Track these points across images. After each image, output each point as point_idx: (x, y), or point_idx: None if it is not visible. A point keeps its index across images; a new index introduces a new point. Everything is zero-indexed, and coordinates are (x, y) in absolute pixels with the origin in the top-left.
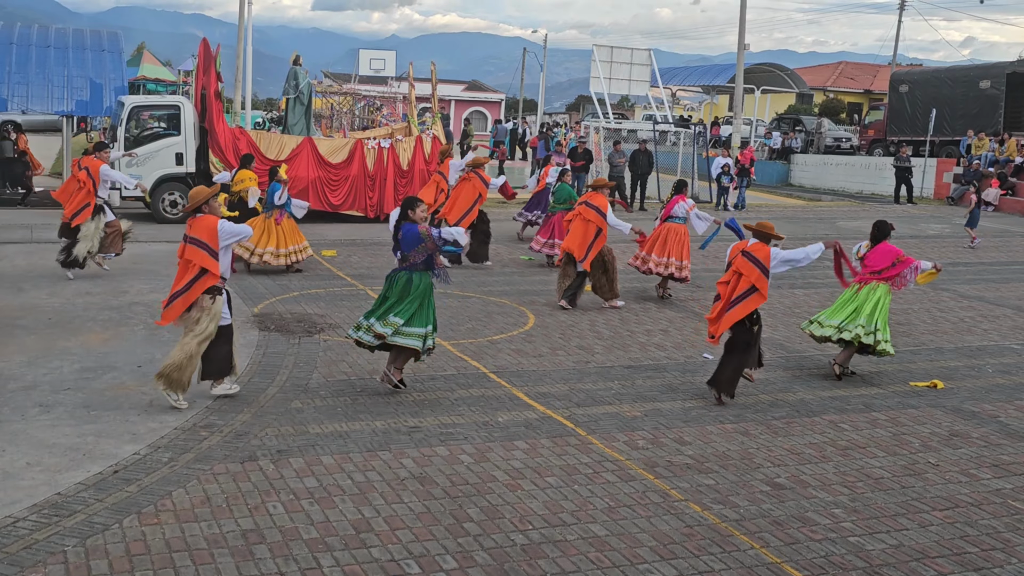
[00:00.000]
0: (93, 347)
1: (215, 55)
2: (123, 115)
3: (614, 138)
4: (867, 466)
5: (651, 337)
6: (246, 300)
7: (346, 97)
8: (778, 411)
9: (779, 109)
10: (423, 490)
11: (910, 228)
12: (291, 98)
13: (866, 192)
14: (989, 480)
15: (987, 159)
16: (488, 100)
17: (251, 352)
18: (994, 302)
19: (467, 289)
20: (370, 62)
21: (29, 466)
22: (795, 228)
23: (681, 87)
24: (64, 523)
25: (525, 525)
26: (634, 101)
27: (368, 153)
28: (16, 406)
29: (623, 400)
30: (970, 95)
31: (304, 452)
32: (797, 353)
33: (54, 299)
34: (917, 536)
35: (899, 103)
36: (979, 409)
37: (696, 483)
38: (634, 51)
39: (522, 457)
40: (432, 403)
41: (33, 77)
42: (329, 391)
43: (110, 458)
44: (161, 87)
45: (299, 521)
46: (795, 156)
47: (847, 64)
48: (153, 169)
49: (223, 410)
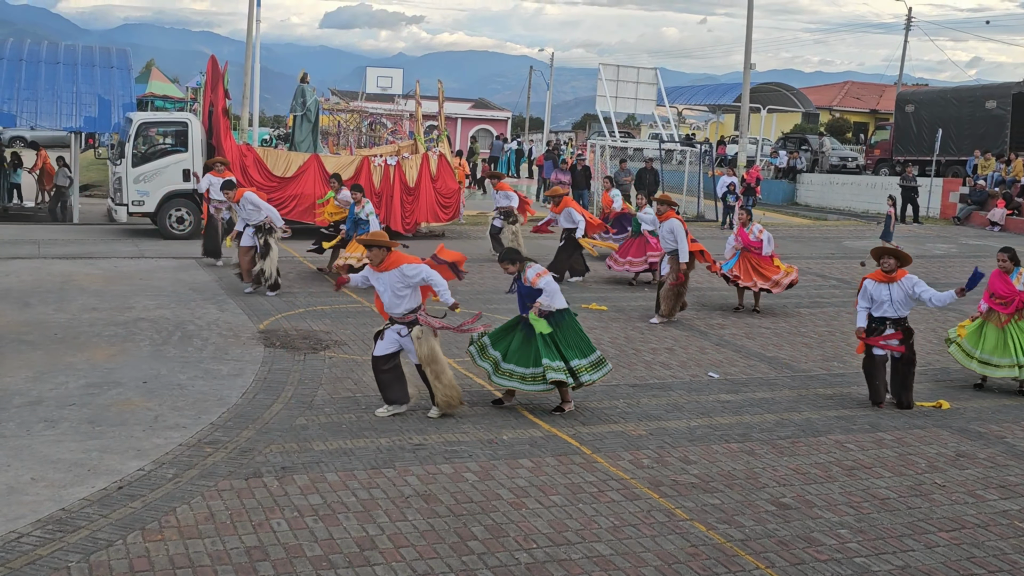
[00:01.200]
0: (99, 363)
1: (223, 72)
2: (131, 132)
3: (620, 156)
4: (873, 486)
5: (656, 356)
6: (252, 317)
7: (353, 114)
8: (784, 431)
9: (785, 128)
10: (427, 508)
11: (916, 248)
12: (298, 115)
13: (872, 211)
14: (996, 501)
15: (993, 179)
16: (494, 118)
17: (256, 369)
18: None
19: (472, 307)
20: (377, 80)
21: (34, 481)
22: (801, 247)
23: (687, 106)
24: (68, 539)
25: (529, 544)
26: (640, 120)
27: (375, 170)
28: (21, 421)
29: (628, 419)
30: (976, 115)
31: (308, 469)
32: (803, 372)
33: (60, 315)
34: (923, 557)
35: (905, 123)
36: (985, 429)
37: (701, 502)
38: (640, 70)
39: (527, 475)
40: (437, 421)
41: (42, 93)
42: (334, 408)
43: (115, 474)
44: (169, 104)
45: (303, 538)
46: (801, 175)
47: (853, 84)
48: (160, 185)
49: (228, 427)
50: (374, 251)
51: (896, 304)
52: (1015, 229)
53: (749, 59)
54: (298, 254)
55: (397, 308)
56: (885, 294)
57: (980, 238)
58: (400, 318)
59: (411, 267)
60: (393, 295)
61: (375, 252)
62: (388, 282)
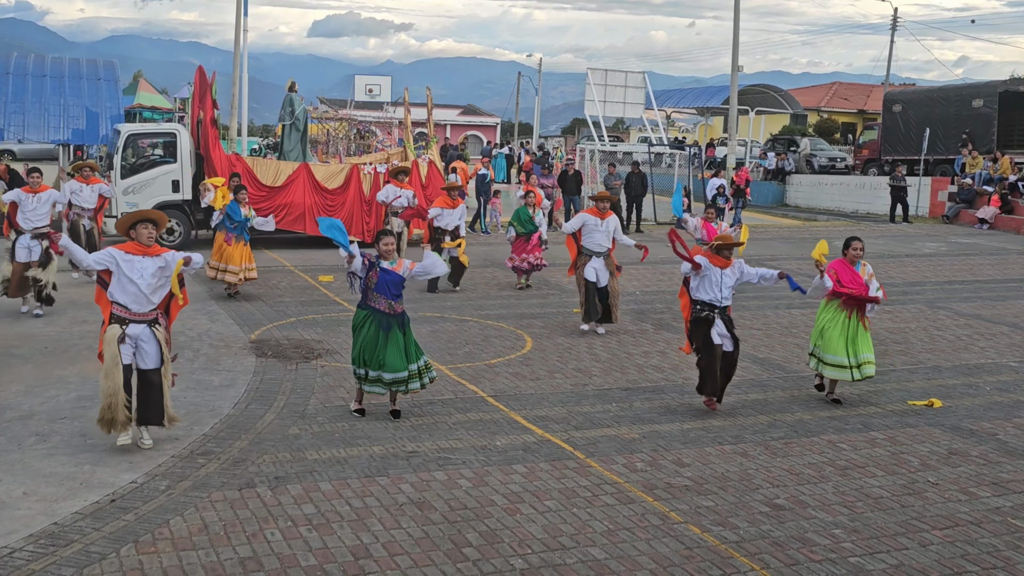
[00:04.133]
0: (90, 376)
1: (211, 83)
2: (119, 143)
3: (609, 160)
4: (866, 486)
5: (648, 359)
6: (243, 327)
7: (342, 123)
8: (776, 432)
9: (773, 130)
10: (421, 515)
11: (906, 247)
12: (287, 124)
13: (861, 211)
14: (989, 498)
15: (981, 177)
16: (484, 124)
17: (248, 379)
18: (991, 320)
19: (464, 313)
20: (366, 88)
21: (26, 496)
22: (791, 248)
23: (676, 109)
24: (61, 553)
25: (524, 549)
26: (629, 124)
27: (364, 178)
28: (13, 435)
29: (621, 423)
30: (963, 114)
31: (302, 478)
32: (795, 373)
33: (50, 328)
34: (917, 555)
35: (893, 122)
36: (977, 427)
37: (695, 505)
38: (628, 74)
39: (520, 481)
40: (430, 428)
41: (29, 106)
42: (327, 417)
43: (107, 487)
44: (157, 115)
45: (297, 548)
46: (790, 176)
47: (840, 84)
48: (149, 197)
49: (220, 437)
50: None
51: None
52: (1004, 227)
53: (736, 62)
54: (289, 264)
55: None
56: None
57: (969, 236)
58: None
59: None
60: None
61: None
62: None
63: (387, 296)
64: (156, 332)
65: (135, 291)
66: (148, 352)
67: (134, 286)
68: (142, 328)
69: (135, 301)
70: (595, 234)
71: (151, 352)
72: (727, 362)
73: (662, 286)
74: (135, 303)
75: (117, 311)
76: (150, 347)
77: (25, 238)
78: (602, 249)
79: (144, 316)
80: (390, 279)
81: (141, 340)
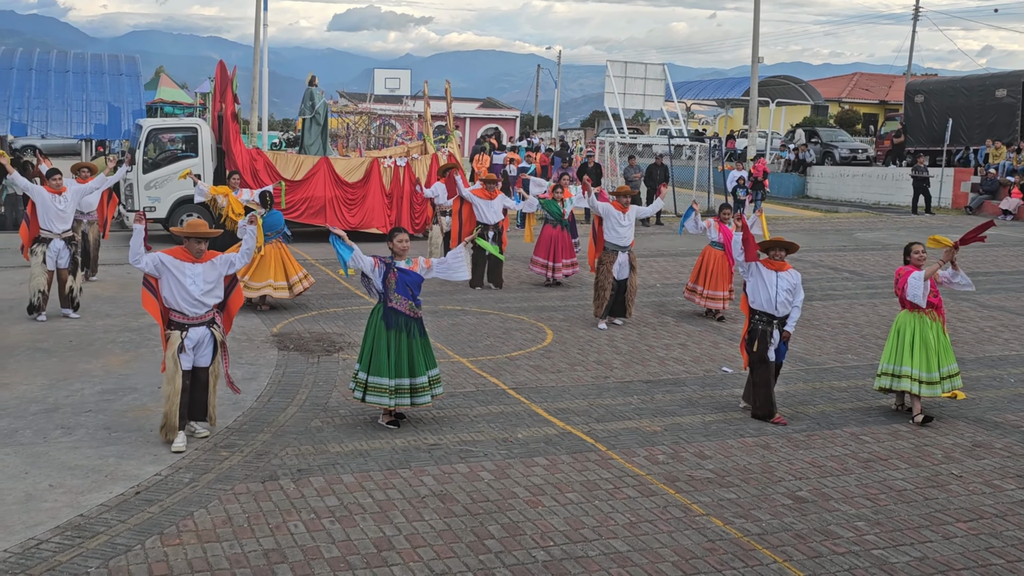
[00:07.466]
0: (114, 369)
1: (231, 77)
2: (141, 138)
3: (629, 153)
4: (889, 478)
5: (670, 352)
6: (265, 320)
7: (361, 116)
8: (799, 424)
9: (794, 121)
10: (444, 507)
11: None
12: (307, 118)
13: (883, 203)
14: (1013, 491)
15: (1005, 168)
16: (503, 117)
17: (271, 372)
18: (1015, 312)
19: (485, 306)
20: (385, 81)
21: (52, 488)
22: (812, 240)
23: (696, 101)
24: (87, 545)
25: (546, 542)
26: (649, 116)
27: (384, 172)
28: (38, 428)
29: (643, 415)
30: (986, 104)
31: (324, 471)
32: (817, 366)
33: (75, 322)
34: (941, 548)
35: (915, 113)
36: (1001, 419)
37: (717, 497)
38: (648, 66)
39: (542, 473)
40: (452, 420)
41: (52, 102)
42: (349, 409)
43: (132, 479)
44: (178, 110)
45: (320, 540)
46: (811, 168)
47: (862, 75)
48: (172, 191)
49: (243, 430)
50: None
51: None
52: None
53: (757, 52)
54: (311, 258)
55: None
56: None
57: (992, 227)
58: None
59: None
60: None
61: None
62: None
63: (408, 297)
64: (215, 332)
65: (186, 296)
66: (205, 353)
67: (185, 291)
68: (202, 331)
69: (191, 305)
70: (619, 228)
71: (208, 353)
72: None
73: (683, 278)
74: (191, 307)
75: (175, 317)
76: (208, 348)
77: (56, 243)
78: (625, 243)
79: (201, 319)
80: (409, 279)
81: (201, 344)
